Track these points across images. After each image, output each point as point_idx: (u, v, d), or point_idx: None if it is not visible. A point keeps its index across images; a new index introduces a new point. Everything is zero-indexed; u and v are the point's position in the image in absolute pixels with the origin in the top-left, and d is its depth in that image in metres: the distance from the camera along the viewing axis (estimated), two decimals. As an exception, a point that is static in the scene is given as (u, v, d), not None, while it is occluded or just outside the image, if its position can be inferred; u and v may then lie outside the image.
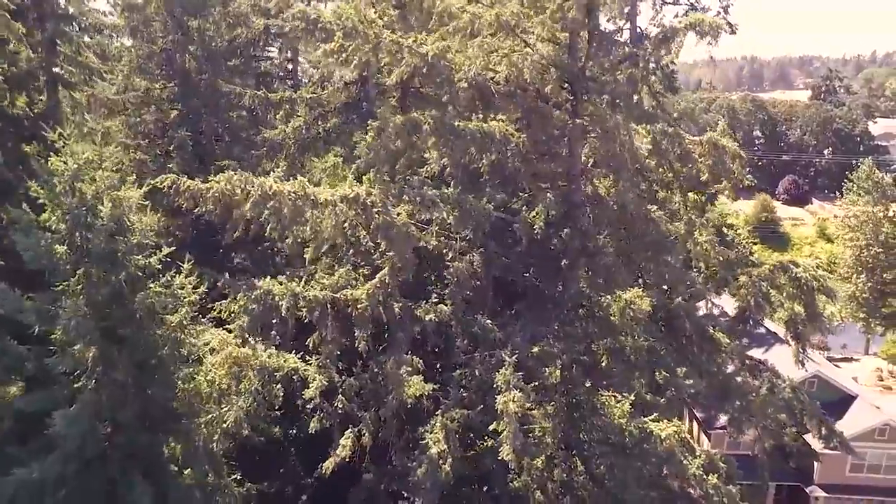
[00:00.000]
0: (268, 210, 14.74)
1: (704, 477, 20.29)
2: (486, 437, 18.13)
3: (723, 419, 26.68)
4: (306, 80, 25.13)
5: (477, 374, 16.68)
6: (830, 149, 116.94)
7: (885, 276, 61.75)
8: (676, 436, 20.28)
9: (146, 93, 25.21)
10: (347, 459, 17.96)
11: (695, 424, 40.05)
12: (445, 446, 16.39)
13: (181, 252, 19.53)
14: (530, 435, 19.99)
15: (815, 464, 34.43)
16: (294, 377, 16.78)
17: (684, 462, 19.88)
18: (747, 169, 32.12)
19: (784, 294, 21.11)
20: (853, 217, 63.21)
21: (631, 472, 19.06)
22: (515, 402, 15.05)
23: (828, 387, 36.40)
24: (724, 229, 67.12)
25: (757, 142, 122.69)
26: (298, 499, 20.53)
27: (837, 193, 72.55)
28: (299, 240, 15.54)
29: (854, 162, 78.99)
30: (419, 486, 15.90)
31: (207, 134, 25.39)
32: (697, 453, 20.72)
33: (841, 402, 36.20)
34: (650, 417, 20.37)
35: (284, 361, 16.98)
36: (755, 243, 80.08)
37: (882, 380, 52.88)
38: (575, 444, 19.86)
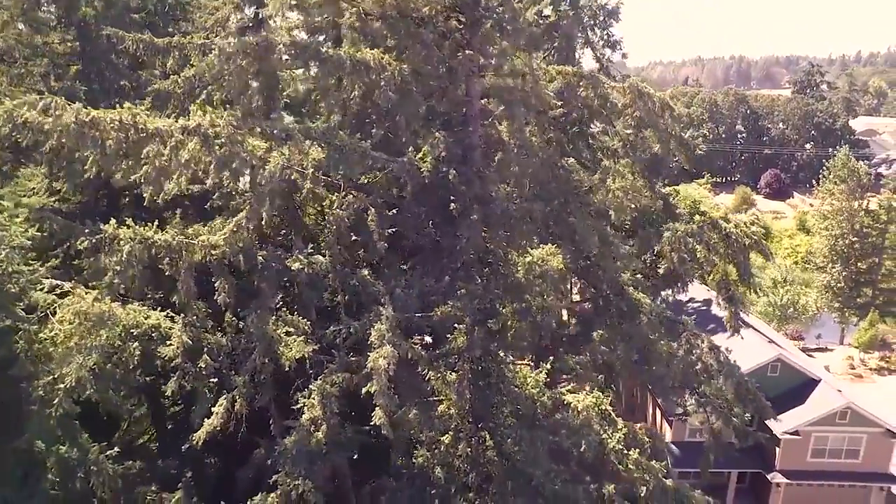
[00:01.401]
0: (89, 142, 12.84)
1: (626, 451, 18.73)
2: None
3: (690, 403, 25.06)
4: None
5: (352, 331, 14.93)
6: (812, 143, 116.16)
7: (859, 265, 60.87)
8: (595, 407, 18.69)
9: (44, 45, 23.42)
10: (224, 430, 16.25)
11: (658, 412, 38.56)
12: (320, 412, 14.69)
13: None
14: (438, 408, 18.38)
15: (777, 449, 33.03)
16: (153, 335, 15.01)
17: (603, 435, 18.28)
18: (699, 136, 30.59)
19: (715, 254, 19.60)
20: (828, 206, 62.34)
21: (541, 446, 17.39)
22: (386, 358, 13.34)
23: (790, 371, 34.93)
24: (696, 216, 66.29)
25: (739, 136, 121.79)
26: (182, 476, 18.82)
27: (816, 184, 71.40)
28: (140, 180, 13.62)
29: (831, 150, 77.98)
30: (286, 455, 14.15)
31: (108, 89, 23.54)
32: (619, 426, 19.13)
33: (804, 386, 34.76)
34: (566, 387, 18.78)
35: (145, 318, 15.21)
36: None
37: (853, 368, 51.90)
38: (483, 416, 18.15)
